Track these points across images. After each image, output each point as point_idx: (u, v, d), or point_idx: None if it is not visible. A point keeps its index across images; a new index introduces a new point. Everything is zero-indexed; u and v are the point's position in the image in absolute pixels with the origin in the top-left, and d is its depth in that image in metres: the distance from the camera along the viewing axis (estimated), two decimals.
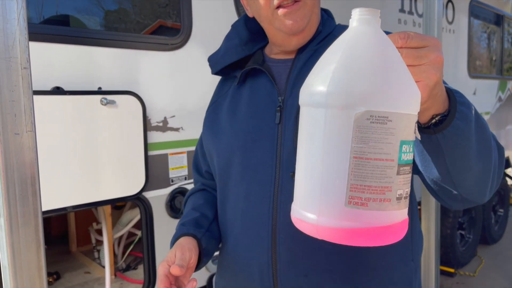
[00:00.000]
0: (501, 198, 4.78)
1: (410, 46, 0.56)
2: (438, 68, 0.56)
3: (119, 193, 1.62)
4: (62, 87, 1.47)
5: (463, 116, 0.63)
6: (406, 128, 0.52)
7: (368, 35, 0.53)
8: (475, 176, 0.70)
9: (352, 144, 0.51)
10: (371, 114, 0.50)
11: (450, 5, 3.48)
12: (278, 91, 0.91)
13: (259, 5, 0.87)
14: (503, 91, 4.45)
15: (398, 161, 0.52)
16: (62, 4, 1.56)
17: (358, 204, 0.52)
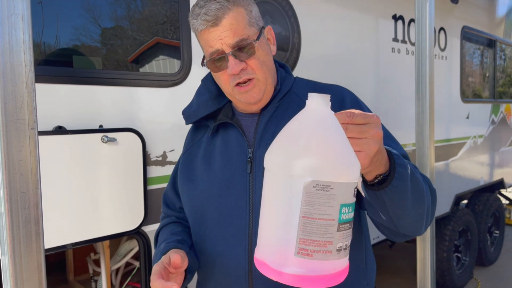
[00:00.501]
0: (496, 220, 4.81)
1: (355, 122, 0.68)
2: (377, 141, 0.69)
3: (118, 229, 1.63)
4: (64, 126, 1.50)
5: (400, 176, 0.77)
6: (346, 194, 0.64)
7: (317, 117, 0.66)
8: (412, 219, 0.87)
9: (301, 206, 0.63)
10: (317, 183, 0.62)
11: (442, 32, 3.56)
12: (248, 144, 1.03)
13: (221, 82, 1.02)
14: (496, 114, 4.52)
15: (338, 220, 0.64)
16: (65, 44, 1.60)
17: (305, 254, 0.64)
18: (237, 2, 0.97)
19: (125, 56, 1.77)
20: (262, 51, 1.00)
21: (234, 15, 0.96)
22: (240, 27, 0.96)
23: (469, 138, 3.98)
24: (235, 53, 0.96)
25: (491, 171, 4.48)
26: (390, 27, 3.04)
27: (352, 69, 2.74)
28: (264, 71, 1.00)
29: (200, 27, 0.97)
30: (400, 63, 3.12)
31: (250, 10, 1.00)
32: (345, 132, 0.67)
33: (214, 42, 0.96)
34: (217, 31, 0.95)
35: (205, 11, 0.95)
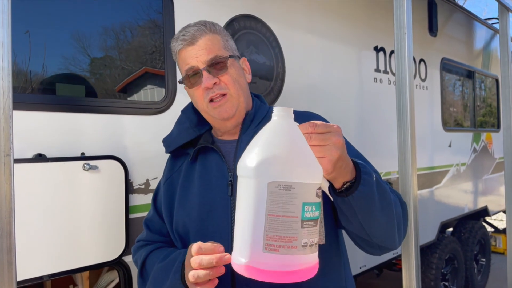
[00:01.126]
0: (482, 247, 4.82)
1: (317, 131, 0.76)
2: (338, 147, 0.76)
3: (98, 259, 1.59)
4: (45, 154, 1.49)
5: (365, 182, 0.83)
6: (307, 193, 0.71)
7: (281, 127, 0.74)
8: (382, 226, 0.91)
9: (266, 204, 0.70)
10: (279, 184, 0.69)
11: (422, 63, 3.67)
12: (228, 168, 1.06)
13: (196, 99, 1.08)
14: (477, 142, 4.61)
15: (302, 217, 0.70)
16: (50, 72, 1.60)
17: (272, 249, 0.69)
18: (214, 30, 1.07)
19: (109, 83, 1.78)
20: (235, 70, 1.07)
21: (210, 38, 1.05)
22: (215, 48, 1.05)
23: (452, 166, 4.04)
24: (208, 69, 1.03)
25: (475, 199, 4.52)
26: (372, 58, 3.13)
27: (336, 98, 2.79)
28: (237, 88, 1.06)
29: (178, 47, 1.06)
30: (382, 93, 3.20)
31: (226, 40, 1.09)
32: (309, 140, 0.74)
33: (190, 60, 1.04)
34: (193, 49, 1.04)
35: (184, 33, 1.05)
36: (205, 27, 1.06)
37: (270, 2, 2.38)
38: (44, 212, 1.45)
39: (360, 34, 3.01)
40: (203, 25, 1.06)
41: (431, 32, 3.82)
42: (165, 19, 1.89)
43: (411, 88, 2.21)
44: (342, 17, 2.86)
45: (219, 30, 1.09)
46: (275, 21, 2.38)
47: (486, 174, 4.80)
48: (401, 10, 2.03)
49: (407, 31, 2.07)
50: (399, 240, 0.97)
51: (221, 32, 1.09)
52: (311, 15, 2.62)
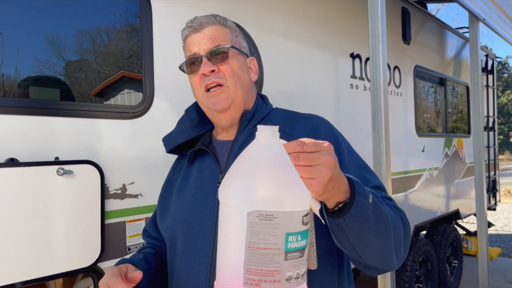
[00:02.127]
0: (455, 250, 4.95)
1: (306, 151, 0.69)
2: (329, 167, 0.70)
3: (72, 266, 1.56)
4: (17, 158, 1.45)
5: (359, 204, 0.76)
6: (291, 223, 0.64)
7: (264, 149, 0.68)
8: (378, 250, 0.84)
9: (246, 236, 0.64)
10: (260, 213, 0.63)
11: (397, 70, 3.77)
12: (219, 169, 1.03)
13: (194, 87, 1.06)
14: (449, 147, 4.76)
15: (285, 249, 0.64)
16: (23, 75, 1.57)
17: (252, 284, 0.64)
18: (224, 23, 1.06)
19: (85, 87, 1.76)
20: (237, 63, 1.04)
21: (217, 28, 1.04)
22: (220, 38, 1.03)
23: (425, 170, 4.15)
24: (208, 56, 1.01)
25: (447, 202, 4.66)
26: (348, 65, 3.19)
27: (312, 104, 2.84)
28: (236, 81, 1.03)
29: (185, 33, 1.05)
30: (358, 99, 3.26)
31: (236, 36, 1.07)
32: (297, 160, 0.68)
33: (193, 47, 1.03)
34: (198, 37, 1.03)
35: (192, 20, 1.05)
36: (215, 19, 1.04)
37: (248, 9, 2.40)
38: (17, 218, 1.41)
39: (336, 41, 3.07)
40: (213, 16, 1.05)
41: (405, 40, 3.93)
42: (142, 23, 1.88)
43: (386, 94, 2.27)
44: (319, 24, 2.91)
45: (229, 25, 1.07)
46: (253, 27, 2.40)
47: (458, 178, 4.95)
48: (375, 18, 2.09)
49: (382, 39, 2.13)
50: (397, 262, 0.91)
51: (231, 27, 1.07)
52: (288, 22, 2.66)
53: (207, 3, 2.16)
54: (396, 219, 0.89)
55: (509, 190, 14.73)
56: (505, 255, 6.78)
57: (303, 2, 2.78)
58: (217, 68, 1.01)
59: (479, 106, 3.51)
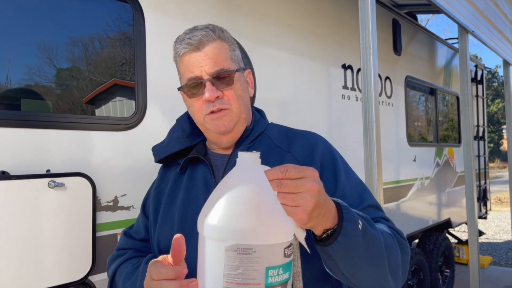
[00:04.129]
0: (447, 259, 4.97)
1: (289, 177, 0.66)
2: (313, 195, 0.67)
3: (63, 279, 1.54)
4: (8, 171, 1.44)
5: (347, 232, 0.73)
6: (272, 256, 0.61)
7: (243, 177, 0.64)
8: (371, 277, 0.80)
9: (224, 270, 0.60)
10: (238, 247, 0.59)
11: (388, 80, 3.82)
12: (215, 183, 1.00)
13: (194, 110, 1.01)
14: (440, 157, 4.80)
15: (265, 284, 0.60)
16: (15, 87, 1.57)
17: None
18: (222, 37, 1.00)
19: (79, 97, 1.75)
20: (240, 85, 1.00)
21: (217, 46, 0.98)
22: (222, 58, 0.97)
23: (416, 180, 4.19)
24: (213, 81, 0.96)
25: (439, 211, 4.69)
26: (340, 75, 3.22)
27: (305, 114, 2.85)
28: (240, 104, 1.00)
29: (182, 50, 0.98)
30: (350, 109, 3.29)
31: (234, 49, 1.03)
32: (279, 187, 0.65)
33: (194, 68, 0.97)
34: (199, 56, 0.96)
35: (190, 36, 0.97)
36: (214, 33, 0.98)
37: (241, 19, 2.42)
38: (8, 231, 1.40)
39: (328, 52, 3.10)
40: (211, 30, 0.98)
41: (396, 51, 3.98)
42: (136, 32, 1.89)
43: (377, 105, 2.30)
44: (312, 35, 2.94)
45: (227, 38, 1.01)
46: (246, 38, 2.42)
47: (449, 187, 4.99)
48: (366, 31, 2.12)
49: (373, 51, 2.16)
50: (395, 285, 0.86)
51: (229, 40, 1.01)
52: (281, 33, 2.68)
53: (200, 13, 2.17)
54: (392, 242, 0.86)
55: (499, 198, 14.87)
56: (496, 263, 6.82)
57: (295, 13, 2.81)
58: (221, 94, 0.97)
59: (469, 116, 3.55)
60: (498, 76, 37.42)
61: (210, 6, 2.23)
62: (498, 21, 4.26)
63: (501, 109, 34.32)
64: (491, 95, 34.77)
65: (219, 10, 2.29)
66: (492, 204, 10.80)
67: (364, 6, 2.10)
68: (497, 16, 4.20)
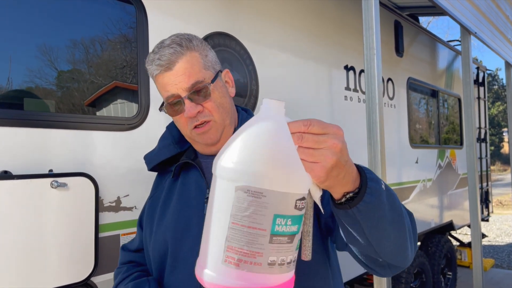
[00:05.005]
0: (449, 261, 4.95)
1: (312, 132, 0.64)
2: (334, 152, 0.64)
3: (65, 280, 1.53)
4: (11, 171, 1.43)
5: (373, 191, 0.70)
6: (282, 204, 0.60)
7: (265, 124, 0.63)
8: (393, 242, 0.77)
9: (232, 210, 0.60)
10: (248, 189, 0.59)
11: (390, 82, 3.81)
12: (206, 184, 1.01)
13: (180, 125, 1.03)
14: (442, 159, 4.79)
15: (271, 231, 0.60)
16: (17, 86, 1.56)
17: (231, 263, 0.60)
18: (191, 47, 0.99)
19: (80, 99, 1.74)
20: (218, 93, 1.00)
21: (187, 59, 0.97)
22: (195, 71, 0.97)
23: (419, 182, 4.17)
24: (191, 97, 0.96)
25: (441, 213, 4.67)
26: (343, 77, 3.21)
27: (307, 115, 2.84)
28: (221, 112, 1.00)
29: (155, 71, 0.98)
30: (352, 110, 3.28)
31: (206, 55, 1.01)
32: (300, 141, 0.63)
33: (170, 87, 0.97)
34: (172, 75, 0.96)
35: (159, 56, 0.97)
36: (181, 47, 0.97)
37: (244, 20, 2.41)
38: (10, 231, 1.39)
39: (331, 53, 3.10)
40: (178, 45, 0.97)
41: (398, 53, 3.97)
42: (138, 34, 1.88)
43: (381, 106, 2.29)
44: (314, 36, 2.94)
45: (196, 46, 1.00)
46: (249, 39, 2.41)
47: (451, 189, 4.97)
48: (370, 32, 2.11)
49: (376, 52, 2.15)
50: (411, 256, 0.84)
51: (199, 48, 1.00)
52: (284, 34, 2.68)
53: (203, 14, 2.17)
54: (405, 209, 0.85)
55: (501, 201, 14.84)
56: (499, 266, 6.80)
57: (298, 14, 2.80)
58: (202, 108, 0.98)
59: (471, 118, 3.54)
60: (498, 79, 37.45)
61: (213, 7, 2.23)
62: (500, 22, 4.25)
63: (501, 112, 34.32)
64: (491, 98, 34.78)
65: (222, 11, 2.28)
66: (494, 207, 10.78)
67: (367, 6, 2.09)
68: (499, 17, 4.20)
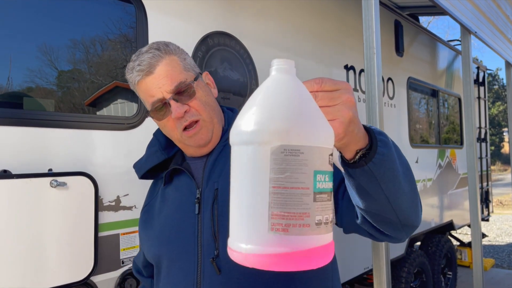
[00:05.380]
0: (449, 261, 4.95)
1: (325, 89, 0.64)
2: (350, 107, 0.64)
3: (64, 280, 1.53)
4: (10, 170, 1.43)
5: (384, 144, 0.71)
6: (319, 159, 0.58)
7: (283, 81, 0.61)
8: (408, 196, 0.77)
9: (270, 175, 0.56)
10: (285, 148, 0.56)
11: (390, 82, 3.80)
12: (196, 185, 1.02)
13: (169, 130, 1.01)
14: (442, 158, 4.78)
15: (314, 189, 0.57)
16: (16, 86, 1.55)
17: (279, 230, 0.56)
18: (169, 51, 0.99)
19: (80, 98, 1.74)
20: (202, 92, 1.01)
21: (167, 62, 0.98)
22: (176, 73, 0.97)
23: (419, 182, 4.17)
24: (175, 97, 0.96)
25: (441, 213, 4.67)
26: (343, 76, 3.21)
27: None
28: (208, 111, 1.00)
29: (136, 78, 0.98)
30: None
31: (184, 58, 1.02)
32: (316, 100, 0.62)
33: (154, 91, 0.96)
34: (154, 79, 0.96)
35: (139, 62, 0.97)
36: (160, 51, 0.98)
37: (244, 20, 2.41)
38: (9, 230, 1.39)
39: (331, 52, 3.09)
40: (156, 49, 0.98)
41: (398, 53, 3.97)
42: (138, 33, 1.88)
43: (380, 105, 2.28)
44: (314, 35, 2.94)
45: (174, 50, 1.01)
46: (249, 38, 2.41)
47: (451, 189, 4.97)
48: (370, 31, 2.10)
49: (376, 51, 2.15)
50: (421, 213, 0.85)
51: (176, 52, 1.02)
52: (284, 33, 2.67)
53: (203, 13, 2.17)
54: None
55: (501, 201, 14.84)
56: (499, 266, 6.79)
57: (297, 14, 2.80)
58: (188, 107, 0.97)
59: (471, 117, 3.54)
60: (498, 78, 37.45)
61: (213, 6, 2.22)
62: (500, 22, 4.25)
63: (501, 111, 34.32)
64: (491, 98, 34.78)
65: (222, 10, 2.28)
66: (494, 207, 10.78)
67: (367, 6, 2.09)
68: (499, 17, 4.20)
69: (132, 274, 1.77)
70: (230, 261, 0.91)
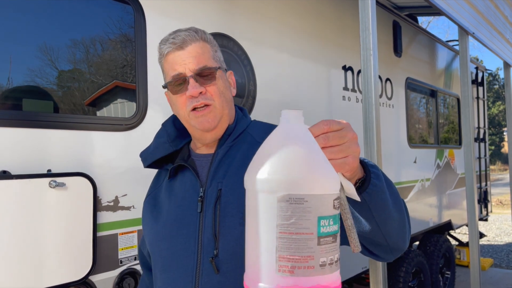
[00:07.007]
0: (447, 261, 4.97)
1: (333, 130, 0.69)
2: (356, 142, 0.71)
3: (63, 279, 1.54)
4: (9, 171, 1.45)
5: (376, 176, 0.78)
6: (323, 206, 0.63)
7: (290, 133, 0.67)
8: (397, 223, 0.85)
9: (277, 221, 0.62)
10: (290, 197, 0.62)
11: (388, 82, 3.82)
12: (200, 183, 1.03)
13: (178, 106, 1.03)
14: (440, 158, 4.80)
15: (318, 233, 0.62)
16: (16, 87, 1.57)
17: (286, 271, 0.62)
18: (205, 38, 1.04)
19: (79, 99, 1.76)
20: (222, 82, 1.04)
21: (200, 45, 1.02)
22: (205, 57, 1.01)
23: (417, 182, 4.18)
24: (196, 77, 0.99)
25: (439, 213, 4.68)
26: (341, 77, 3.23)
27: (306, 115, 2.85)
28: (222, 100, 1.02)
29: (166, 50, 1.01)
30: (351, 111, 3.29)
31: (216, 50, 1.06)
32: (327, 141, 0.68)
33: (178, 66, 1.00)
34: (183, 55, 1.00)
35: (174, 36, 1.01)
36: (197, 34, 1.02)
37: (242, 21, 2.43)
38: (8, 230, 1.40)
39: (329, 53, 3.11)
40: (194, 31, 1.02)
41: (396, 53, 3.98)
42: (136, 34, 1.89)
43: (377, 107, 2.30)
44: (312, 36, 2.95)
45: (209, 39, 1.06)
46: (247, 39, 2.43)
47: (449, 189, 4.98)
48: (367, 32, 2.12)
49: (373, 52, 2.16)
50: (408, 238, 0.92)
51: (211, 42, 1.06)
52: (282, 34, 2.69)
53: (201, 14, 2.18)
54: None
55: (501, 201, 14.84)
56: (497, 265, 6.81)
57: (296, 15, 2.82)
58: (204, 89, 1.00)
59: (469, 117, 3.55)
60: (499, 78, 37.43)
61: (211, 7, 2.24)
62: (498, 23, 4.26)
63: (502, 111, 34.29)
64: (492, 98, 34.76)
65: (220, 11, 2.30)
66: (493, 207, 10.79)
67: (364, 6, 2.10)
68: (497, 18, 4.21)
69: (130, 274, 1.79)
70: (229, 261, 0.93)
